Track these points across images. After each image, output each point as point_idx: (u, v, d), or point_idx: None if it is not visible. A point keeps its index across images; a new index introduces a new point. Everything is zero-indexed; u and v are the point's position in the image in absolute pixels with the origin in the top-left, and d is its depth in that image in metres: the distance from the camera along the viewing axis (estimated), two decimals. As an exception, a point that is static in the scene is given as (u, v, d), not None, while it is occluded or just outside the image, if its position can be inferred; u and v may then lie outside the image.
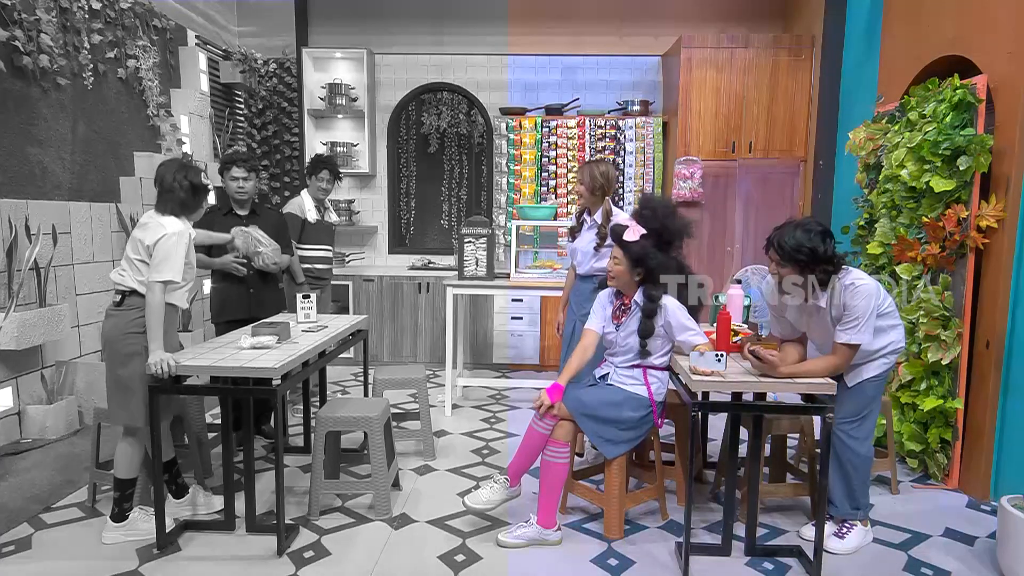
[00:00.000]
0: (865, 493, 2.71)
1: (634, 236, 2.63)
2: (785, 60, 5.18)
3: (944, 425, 3.26)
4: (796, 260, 2.43)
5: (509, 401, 4.70)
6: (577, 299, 3.49)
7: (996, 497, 2.94)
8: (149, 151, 4.72)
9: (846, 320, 2.45)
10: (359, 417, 2.89)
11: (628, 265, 2.65)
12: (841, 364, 2.50)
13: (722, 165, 5.26)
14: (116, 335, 2.55)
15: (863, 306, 2.43)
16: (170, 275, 2.48)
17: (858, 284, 2.45)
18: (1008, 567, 2.44)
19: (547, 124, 5.62)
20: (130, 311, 2.55)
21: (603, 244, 3.34)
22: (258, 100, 5.91)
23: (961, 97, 3.12)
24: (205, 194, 2.68)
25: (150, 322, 2.46)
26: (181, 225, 2.58)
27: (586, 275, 3.44)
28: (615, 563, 2.56)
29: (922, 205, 3.33)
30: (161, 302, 2.47)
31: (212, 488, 3.15)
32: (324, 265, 4.29)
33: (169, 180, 2.58)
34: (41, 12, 3.68)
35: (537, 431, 2.69)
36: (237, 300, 3.60)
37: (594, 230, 3.39)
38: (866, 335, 2.45)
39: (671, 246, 2.67)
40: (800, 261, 2.43)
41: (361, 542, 2.68)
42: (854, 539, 2.65)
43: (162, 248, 2.48)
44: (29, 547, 2.61)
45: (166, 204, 2.60)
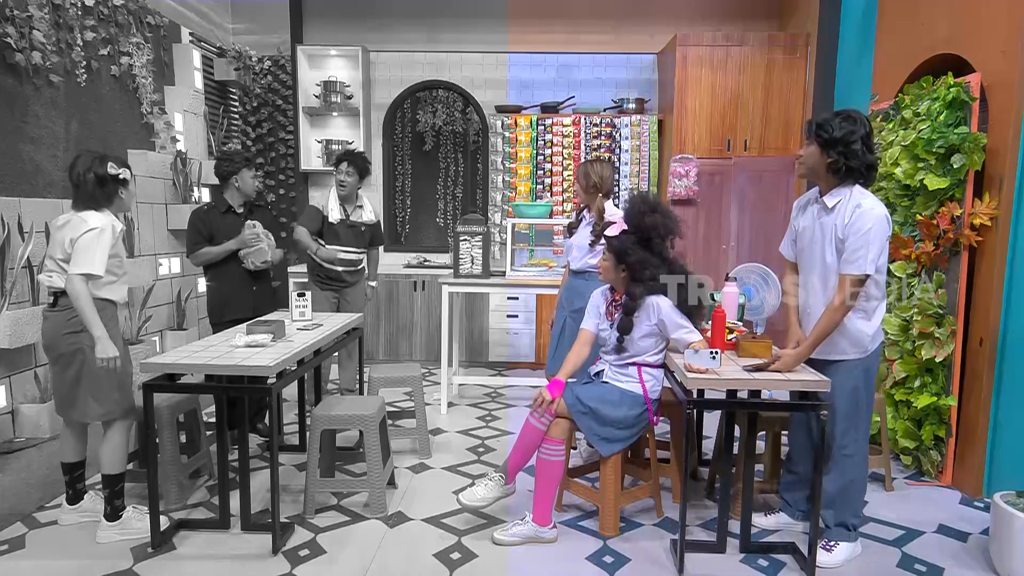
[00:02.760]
0: (858, 513, 2.62)
1: (614, 231, 2.65)
2: (780, 58, 5.18)
3: (938, 422, 3.27)
4: (818, 136, 2.39)
5: (505, 399, 4.70)
6: (569, 295, 3.50)
7: (989, 494, 2.95)
8: (143, 149, 4.70)
9: (849, 249, 2.34)
10: (355, 415, 2.88)
11: (612, 261, 2.67)
12: (846, 300, 2.36)
13: (717, 163, 5.26)
14: (55, 336, 2.56)
15: (869, 232, 2.30)
16: (88, 268, 2.46)
17: (864, 207, 2.33)
18: (1001, 563, 2.45)
19: (543, 122, 5.61)
20: (64, 311, 2.55)
21: (598, 241, 3.34)
22: (253, 98, 5.89)
23: (955, 95, 3.13)
24: (116, 185, 2.62)
25: (84, 314, 2.46)
26: (104, 219, 2.55)
27: (579, 271, 3.45)
28: (611, 560, 2.56)
29: (916, 203, 3.34)
30: (85, 293, 2.46)
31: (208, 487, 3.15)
32: (341, 267, 4.10)
33: (75, 175, 2.56)
34: (34, 8, 3.65)
35: (534, 427, 2.70)
36: (241, 298, 3.59)
37: (590, 227, 3.40)
38: (868, 267, 2.33)
39: (650, 242, 2.66)
40: (821, 138, 2.38)
41: (356, 540, 2.68)
42: (842, 552, 2.56)
43: (82, 242, 2.47)
44: (23, 546, 2.60)
45: (79, 199, 2.58)
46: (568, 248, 3.53)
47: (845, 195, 2.41)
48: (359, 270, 4.26)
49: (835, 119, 2.38)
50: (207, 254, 3.58)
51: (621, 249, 2.63)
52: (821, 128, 2.39)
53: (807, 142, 2.46)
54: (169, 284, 4.90)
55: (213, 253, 3.56)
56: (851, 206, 2.37)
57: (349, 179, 4.03)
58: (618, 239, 2.64)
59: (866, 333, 2.47)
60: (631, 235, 2.64)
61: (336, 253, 4.02)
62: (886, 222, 2.37)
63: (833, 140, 2.36)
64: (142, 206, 4.59)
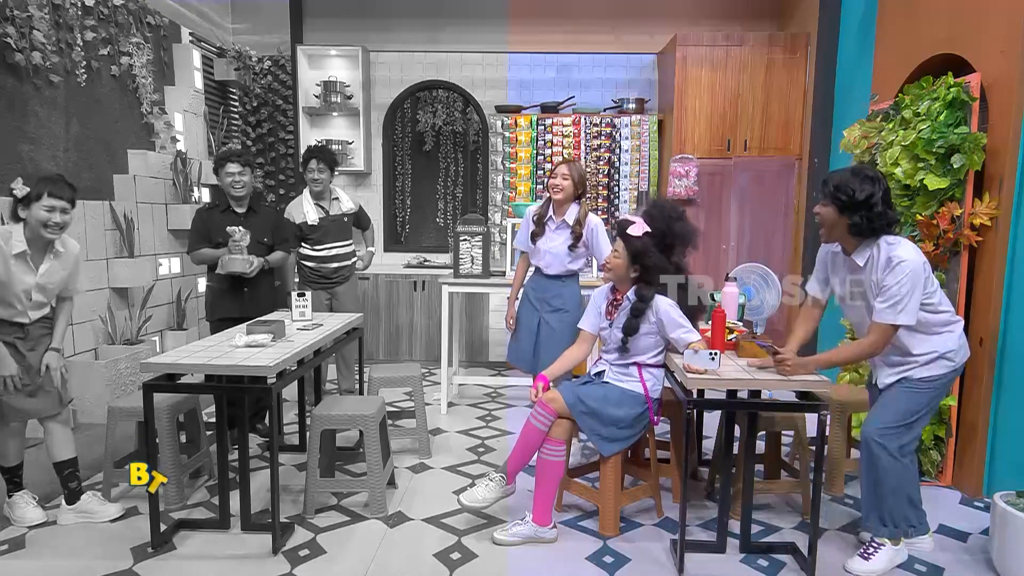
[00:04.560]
0: (905, 513, 2.46)
1: (638, 232, 2.64)
2: (780, 58, 5.18)
3: (938, 422, 3.27)
4: (835, 199, 2.33)
5: (505, 399, 4.70)
6: (543, 295, 3.43)
7: (989, 494, 2.95)
8: (143, 149, 4.70)
9: (883, 297, 2.30)
10: (355, 415, 2.88)
11: (627, 259, 2.66)
12: (876, 346, 2.33)
13: (717, 163, 5.26)
14: None
15: (902, 285, 2.25)
16: None
17: (896, 261, 2.28)
18: (1001, 563, 2.45)
19: (543, 122, 5.61)
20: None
21: (577, 245, 3.33)
22: (253, 98, 5.89)
23: (955, 95, 3.13)
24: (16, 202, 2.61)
25: None
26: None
27: (555, 275, 3.42)
28: (610, 560, 2.56)
29: (916, 203, 3.34)
30: None
31: (207, 487, 3.16)
32: (335, 264, 4.14)
33: None
34: (34, 9, 3.65)
35: (535, 426, 2.69)
36: (230, 298, 3.60)
37: (565, 231, 3.35)
38: (906, 318, 2.28)
39: (672, 249, 2.68)
40: (839, 201, 2.31)
41: (356, 540, 2.68)
42: (882, 560, 2.44)
43: None
44: (23, 546, 2.60)
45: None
46: (535, 252, 3.44)
47: (873, 251, 2.36)
48: (350, 264, 4.27)
49: (853, 180, 2.30)
50: (203, 255, 3.60)
51: (642, 250, 2.62)
52: (839, 191, 2.31)
53: (824, 201, 2.39)
54: (169, 284, 4.90)
55: (208, 255, 3.57)
56: (882, 260, 2.32)
57: (321, 175, 4.02)
58: (641, 240, 2.63)
59: (947, 364, 2.43)
60: (654, 238, 2.64)
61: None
62: (922, 269, 2.31)
63: (854, 203, 2.30)
64: (142, 206, 4.59)
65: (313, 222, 4.04)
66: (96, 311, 4.16)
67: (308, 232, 4.06)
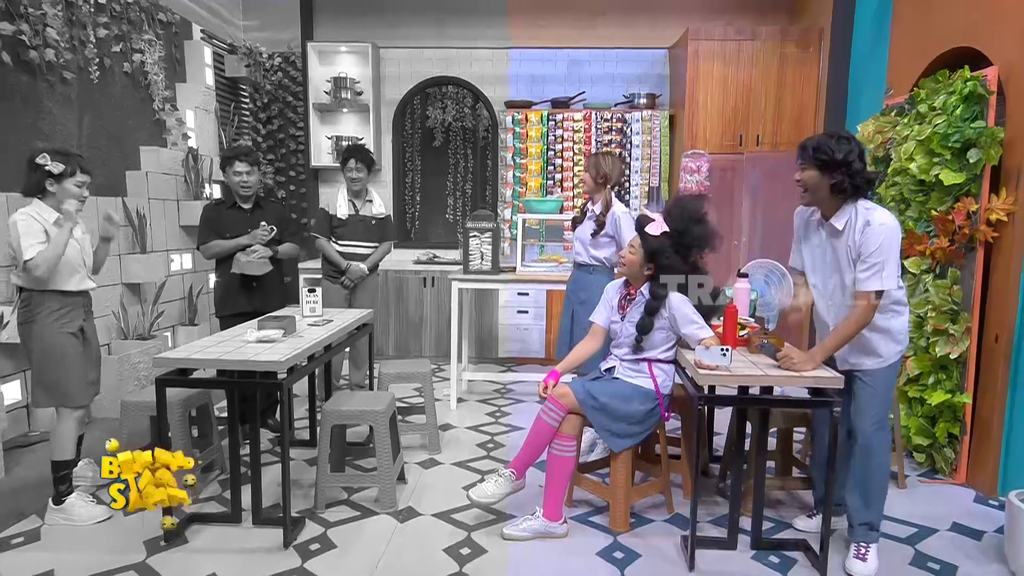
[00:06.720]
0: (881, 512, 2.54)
1: (656, 230, 2.62)
2: (793, 52, 5.13)
3: (952, 419, 3.24)
4: (815, 159, 2.36)
5: (514, 395, 4.70)
6: (574, 287, 3.54)
7: (1004, 492, 2.92)
8: (155, 145, 4.73)
9: (864, 264, 2.33)
10: (365, 411, 2.89)
11: (642, 256, 2.65)
12: (867, 313, 2.35)
13: (729, 158, 5.22)
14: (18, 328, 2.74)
15: (881, 248, 2.29)
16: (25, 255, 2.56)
17: (874, 223, 2.31)
18: (1016, 562, 2.43)
19: (553, 117, 5.60)
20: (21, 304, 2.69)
21: (600, 232, 3.36)
22: (263, 94, 5.91)
23: (971, 89, 3.09)
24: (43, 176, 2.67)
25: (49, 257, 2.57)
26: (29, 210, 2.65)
27: (583, 264, 3.48)
28: (621, 556, 2.56)
29: (931, 198, 3.30)
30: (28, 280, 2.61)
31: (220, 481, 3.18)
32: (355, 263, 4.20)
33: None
34: (47, 6, 3.68)
35: (545, 422, 2.69)
36: (240, 294, 3.63)
37: (593, 219, 3.40)
38: (890, 282, 2.31)
39: (689, 251, 2.64)
40: (820, 161, 2.35)
41: (367, 535, 2.69)
42: (874, 556, 2.49)
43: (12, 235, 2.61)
44: (38, 539, 2.63)
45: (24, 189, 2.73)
46: (574, 242, 3.58)
47: (851, 214, 2.38)
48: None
49: (830, 140, 2.35)
50: (216, 247, 3.62)
51: (658, 250, 2.60)
52: (819, 151, 2.35)
53: (801, 166, 2.43)
54: (181, 280, 4.93)
55: (222, 247, 3.60)
56: (860, 224, 2.35)
57: (360, 175, 4.13)
58: (658, 239, 2.61)
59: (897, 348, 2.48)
60: (671, 239, 2.62)
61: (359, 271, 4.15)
62: (898, 233, 2.35)
63: (834, 162, 2.33)
64: (154, 202, 4.63)
65: (342, 216, 4.16)
66: (109, 306, 4.19)
67: (336, 224, 4.17)
